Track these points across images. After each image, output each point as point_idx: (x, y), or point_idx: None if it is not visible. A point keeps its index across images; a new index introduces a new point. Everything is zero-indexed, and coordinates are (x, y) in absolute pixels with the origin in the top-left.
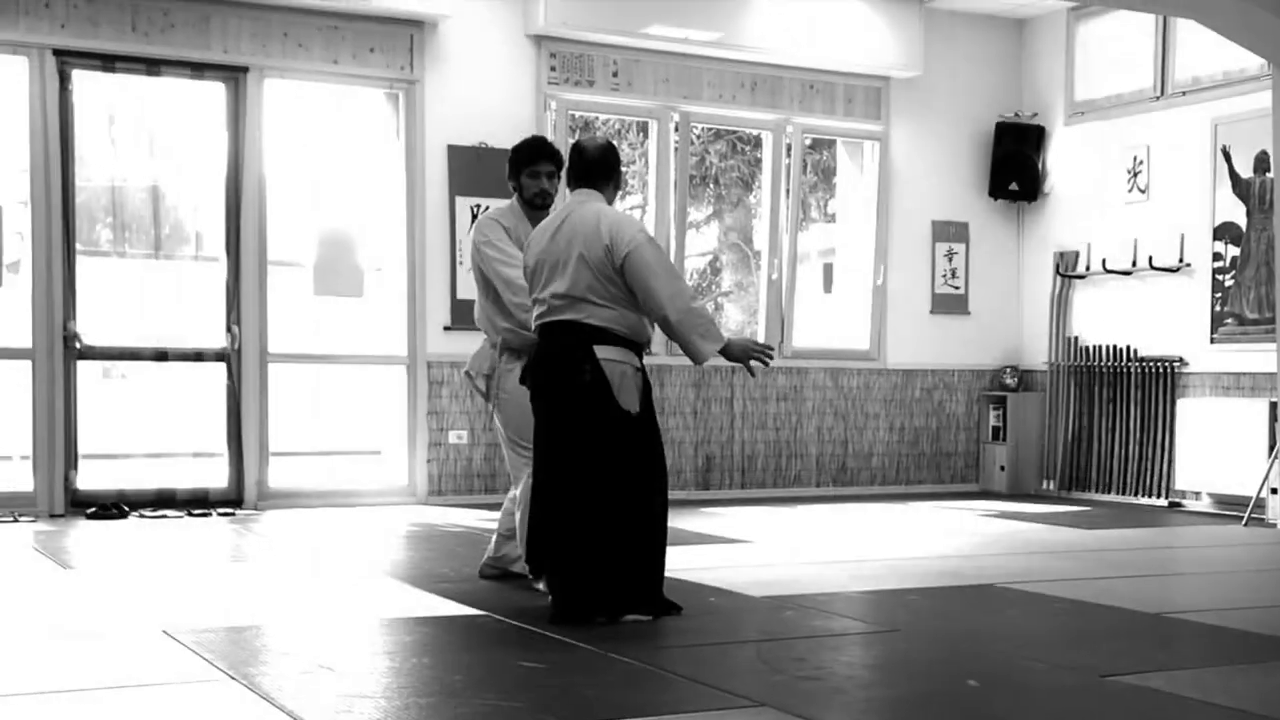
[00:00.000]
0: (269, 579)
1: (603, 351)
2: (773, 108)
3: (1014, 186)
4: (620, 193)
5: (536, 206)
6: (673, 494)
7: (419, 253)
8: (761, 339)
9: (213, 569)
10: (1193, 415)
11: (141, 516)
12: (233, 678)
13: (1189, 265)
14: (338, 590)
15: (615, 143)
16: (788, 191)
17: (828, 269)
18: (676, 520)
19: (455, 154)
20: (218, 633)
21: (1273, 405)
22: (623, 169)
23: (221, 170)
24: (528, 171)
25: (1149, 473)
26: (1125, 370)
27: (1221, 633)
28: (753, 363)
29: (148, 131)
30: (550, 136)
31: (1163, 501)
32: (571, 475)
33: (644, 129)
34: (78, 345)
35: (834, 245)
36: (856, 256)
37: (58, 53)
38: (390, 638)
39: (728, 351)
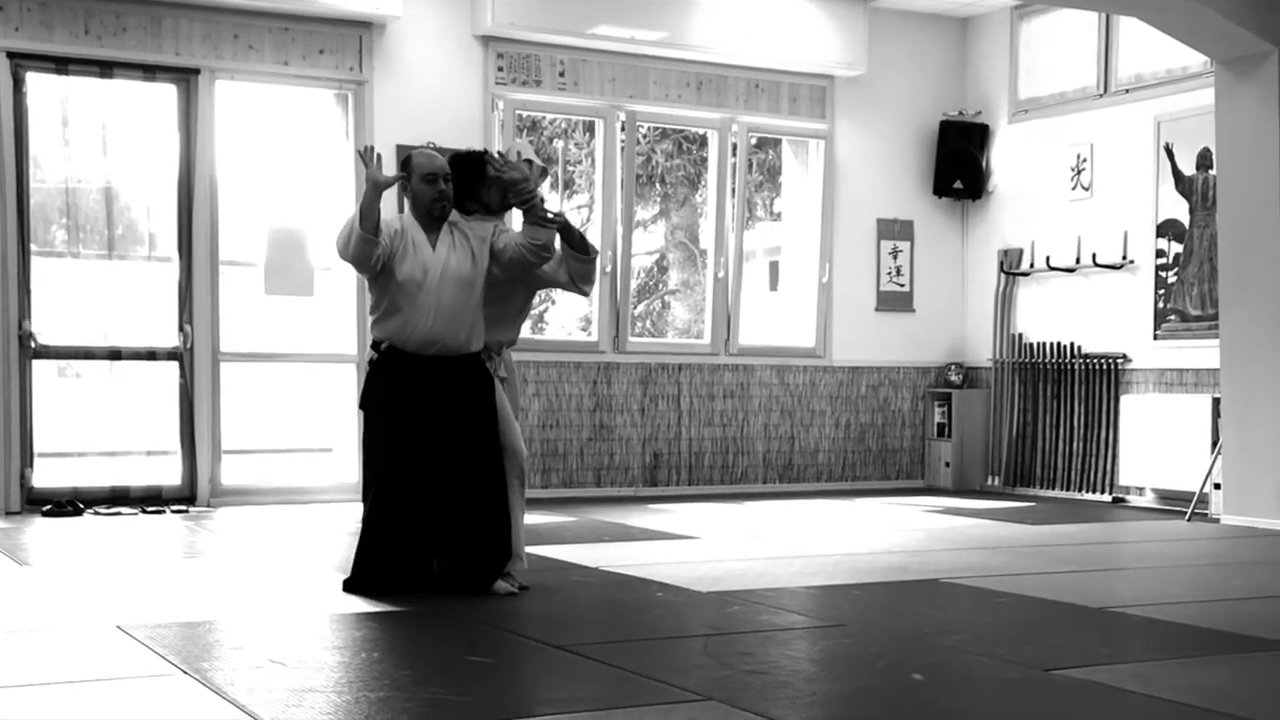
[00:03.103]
0: (222, 575)
1: None
2: (718, 107)
3: (958, 184)
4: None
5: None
6: (620, 490)
7: None
8: (708, 338)
9: (166, 565)
10: (1136, 411)
11: (96, 514)
12: (185, 672)
13: (1132, 262)
14: (289, 586)
15: (560, 143)
16: (733, 190)
17: (773, 267)
18: (625, 517)
19: (404, 153)
20: (171, 628)
21: (1215, 401)
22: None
23: (174, 171)
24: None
25: (1093, 468)
26: (1069, 367)
27: (1164, 627)
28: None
29: (101, 133)
30: (498, 136)
31: (1106, 497)
32: None
33: (590, 128)
34: (33, 345)
35: (779, 243)
36: (802, 254)
37: (11, 55)
38: (341, 632)
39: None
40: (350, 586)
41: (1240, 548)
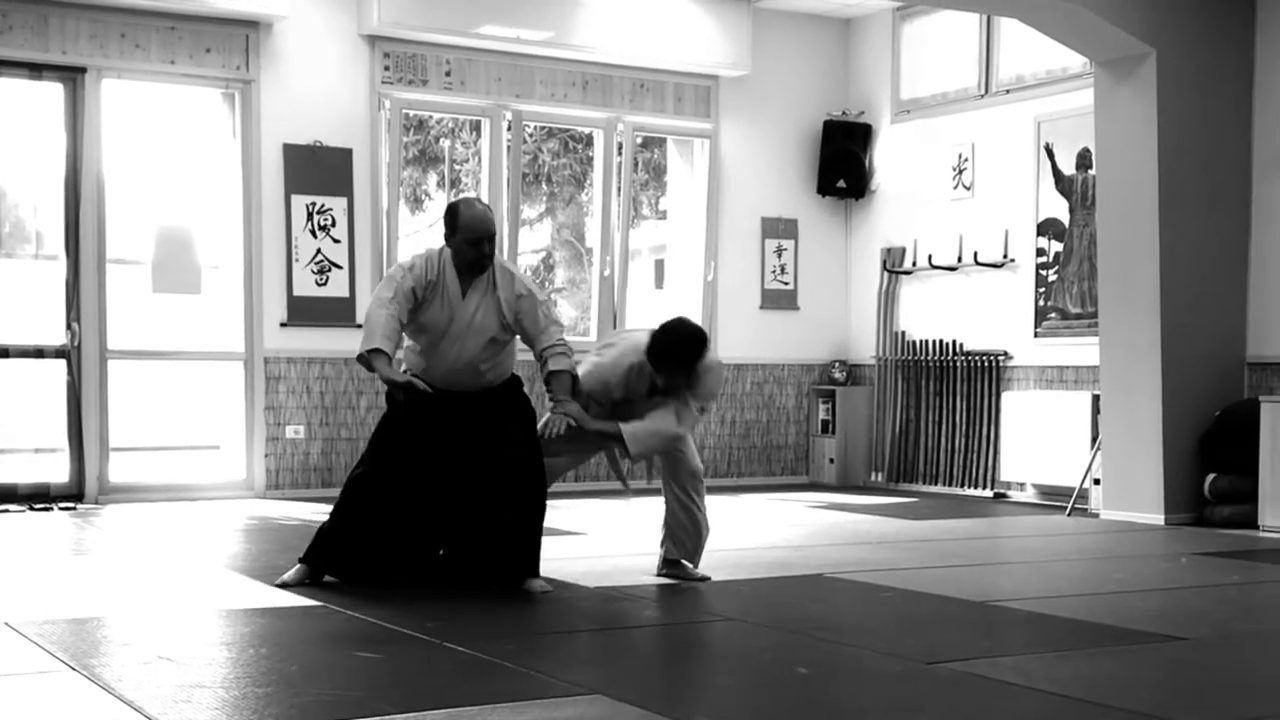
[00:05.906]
0: (110, 572)
1: None
2: (604, 106)
3: (842, 184)
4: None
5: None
6: None
7: (255, 250)
8: (594, 335)
9: (54, 562)
10: (1017, 408)
11: None
12: (74, 669)
13: (1013, 261)
14: (177, 582)
15: (446, 142)
16: (619, 189)
17: (659, 265)
18: None
19: (290, 152)
20: (59, 624)
21: (1095, 398)
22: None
23: (61, 170)
24: None
25: (975, 464)
26: (951, 364)
27: (1045, 620)
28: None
29: None
30: (384, 136)
31: (988, 493)
32: None
33: (477, 128)
34: None
35: (665, 242)
36: (687, 253)
37: None
38: (228, 629)
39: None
40: (307, 559)
41: (1119, 542)
